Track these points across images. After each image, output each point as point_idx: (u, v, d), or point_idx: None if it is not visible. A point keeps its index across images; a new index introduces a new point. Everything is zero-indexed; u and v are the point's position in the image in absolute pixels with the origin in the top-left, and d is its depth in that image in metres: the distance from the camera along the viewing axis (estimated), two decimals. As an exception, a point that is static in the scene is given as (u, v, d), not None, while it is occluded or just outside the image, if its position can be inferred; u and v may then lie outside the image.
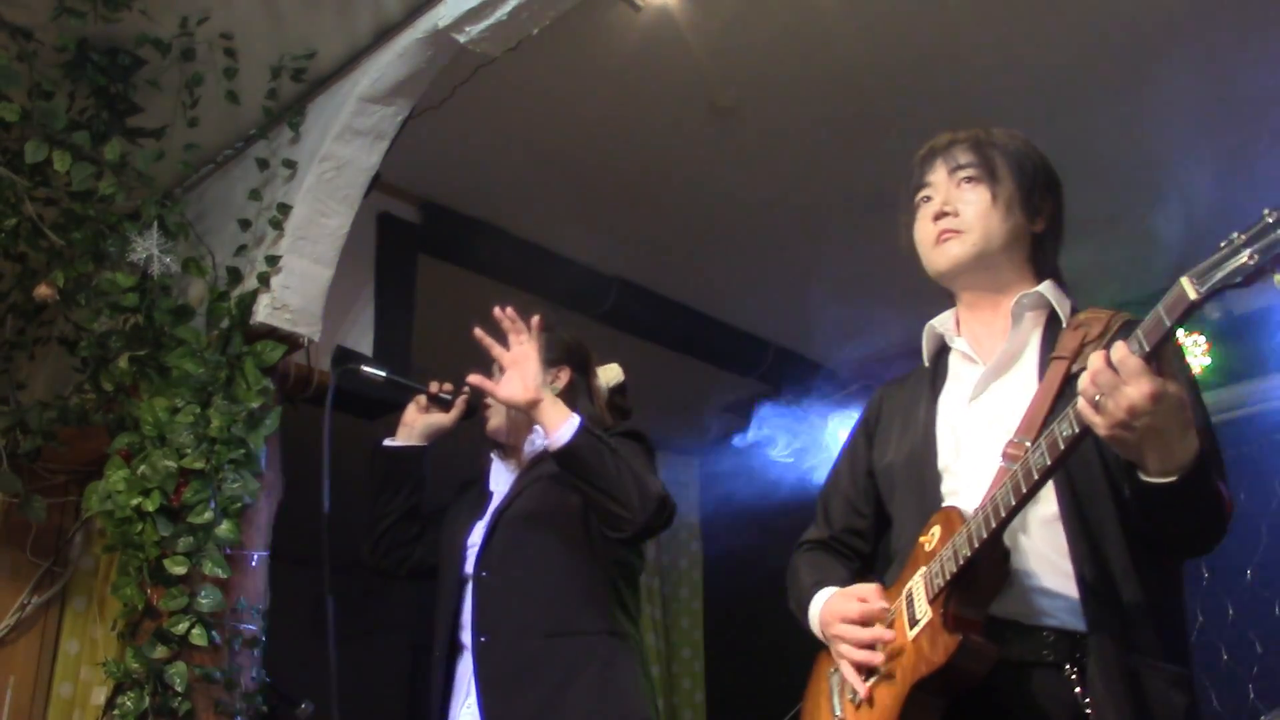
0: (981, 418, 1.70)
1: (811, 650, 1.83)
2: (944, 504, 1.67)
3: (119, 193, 2.81)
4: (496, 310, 2.23)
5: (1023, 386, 1.67)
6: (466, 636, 2.35)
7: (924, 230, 1.78)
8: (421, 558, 2.61)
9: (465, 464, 2.71)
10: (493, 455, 2.60)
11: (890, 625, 1.63)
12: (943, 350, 1.85)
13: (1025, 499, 1.47)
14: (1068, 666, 1.51)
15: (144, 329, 2.88)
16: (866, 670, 1.63)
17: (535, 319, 2.27)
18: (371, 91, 2.94)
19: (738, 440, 5.00)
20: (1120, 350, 1.35)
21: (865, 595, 1.68)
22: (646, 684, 2.30)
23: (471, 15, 2.71)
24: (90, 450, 3.12)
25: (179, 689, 2.60)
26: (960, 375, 1.79)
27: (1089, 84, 3.34)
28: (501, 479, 2.55)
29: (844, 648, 1.66)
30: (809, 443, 4.85)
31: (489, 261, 4.00)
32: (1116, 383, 1.35)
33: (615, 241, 4.13)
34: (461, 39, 2.77)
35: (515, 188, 3.81)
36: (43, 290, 2.81)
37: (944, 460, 1.71)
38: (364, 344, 3.40)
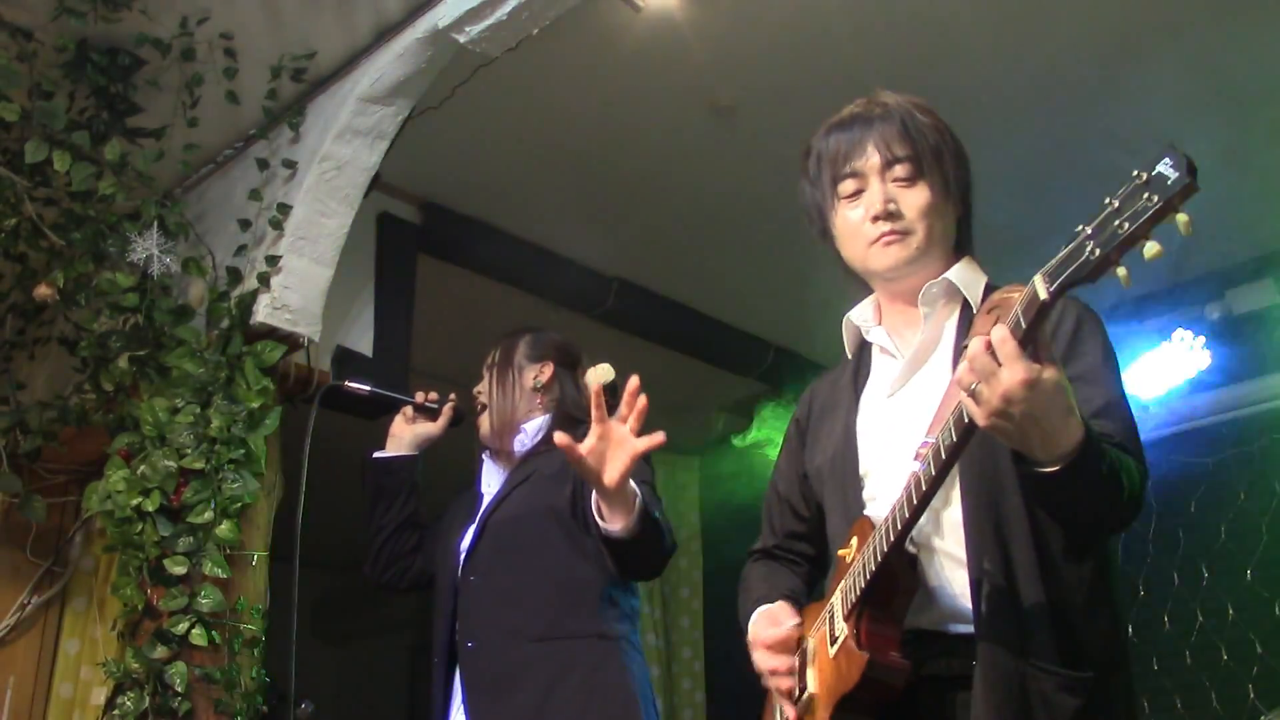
0: (899, 415, 1.65)
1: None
2: (865, 509, 1.64)
3: (119, 193, 2.81)
4: (634, 381, 1.85)
5: (939, 380, 1.61)
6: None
7: (857, 227, 1.69)
8: (421, 568, 2.61)
9: (461, 467, 2.71)
10: (484, 455, 2.60)
11: (816, 643, 1.61)
12: (864, 343, 1.81)
13: (918, 509, 1.43)
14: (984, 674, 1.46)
15: (144, 329, 2.88)
16: (788, 694, 1.62)
17: (642, 400, 1.89)
18: (371, 91, 2.94)
19: (737, 440, 5.01)
20: (999, 331, 1.30)
21: (778, 617, 1.67)
22: (638, 685, 2.27)
23: (471, 15, 2.71)
24: (90, 450, 3.12)
25: (179, 689, 2.60)
26: (880, 369, 1.75)
27: (1088, 82, 3.34)
28: (493, 479, 2.55)
29: (763, 673, 1.66)
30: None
31: (489, 261, 4.00)
32: (992, 368, 1.29)
33: (615, 241, 4.13)
34: (461, 39, 2.77)
35: (515, 188, 3.81)
36: (43, 290, 2.81)
37: (865, 464, 1.67)
38: (364, 344, 3.39)
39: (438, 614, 2.43)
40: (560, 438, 1.81)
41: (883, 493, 1.62)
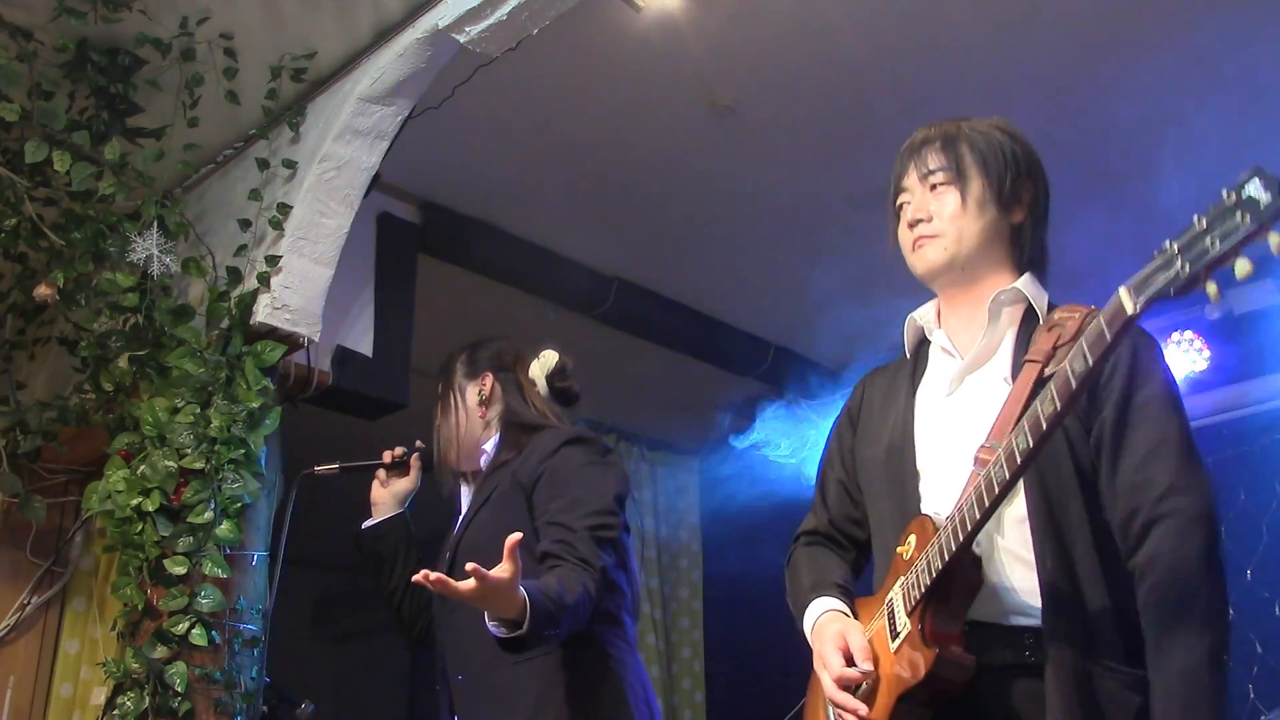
0: (956, 414, 1.71)
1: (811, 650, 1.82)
2: (920, 506, 1.68)
3: (119, 193, 2.81)
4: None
5: (997, 384, 1.68)
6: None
7: (902, 235, 1.81)
8: None
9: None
10: (458, 481, 2.56)
11: (873, 637, 1.64)
12: (924, 342, 1.86)
13: (989, 511, 1.48)
14: (1048, 665, 1.51)
15: (144, 329, 2.88)
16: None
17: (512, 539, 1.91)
18: (371, 91, 2.94)
19: (738, 441, 5.00)
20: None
21: (851, 649, 1.63)
22: (629, 686, 2.24)
23: (471, 15, 2.71)
24: (90, 450, 3.12)
25: (179, 689, 2.60)
26: (938, 368, 1.80)
27: (1090, 81, 3.34)
28: (466, 500, 2.54)
29: (828, 691, 1.65)
30: (810, 443, 4.85)
31: (489, 261, 4.00)
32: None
33: (615, 241, 4.13)
34: (461, 39, 2.77)
35: (515, 188, 3.81)
36: (43, 290, 2.81)
37: (922, 460, 1.72)
38: (364, 344, 3.39)
39: (436, 643, 2.44)
40: (434, 579, 1.85)
41: (938, 490, 1.67)
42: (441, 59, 2.91)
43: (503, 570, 1.86)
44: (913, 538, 1.63)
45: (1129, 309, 1.31)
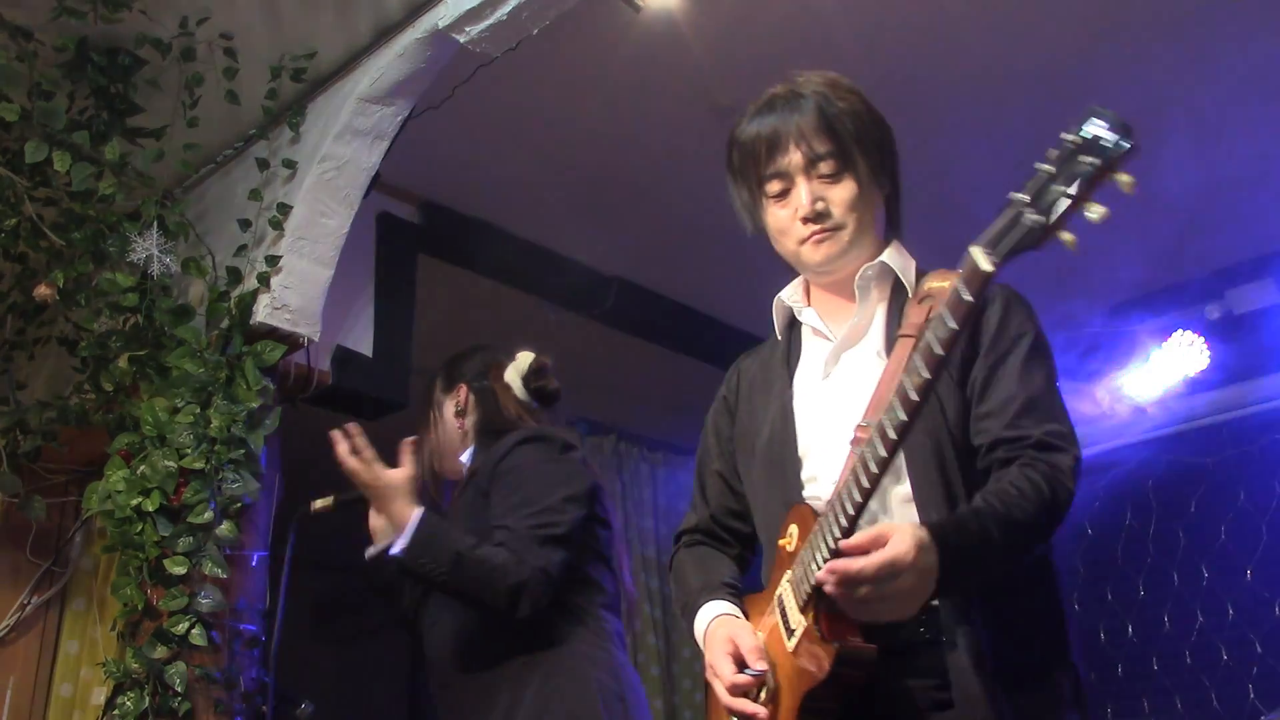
0: (833, 397, 1.66)
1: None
2: (803, 494, 1.63)
3: (119, 193, 2.81)
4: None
5: (871, 361, 1.64)
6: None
7: (788, 226, 1.71)
8: None
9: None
10: (448, 491, 2.61)
11: (766, 637, 1.59)
12: (794, 323, 1.82)
13: (869, 492, 1.40)
14: (945, 639, 1.48)
15: (144, 329, 2.88)
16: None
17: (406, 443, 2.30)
18: (371, 91, 2.94)
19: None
20: (852, 565, 1.34)
21: (742, 650, 1.58)
22: (593, 686, 2.23)
23: (471, 15, 2.71)
24: (90, 450, 3.12)
25: (179, 689, 2.60)
26: (812, 350, 1.76)
27: (1090, 81, 3.34)
28: None
29: (726, 687, 1.60)
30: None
31: (489, 261, 4.00)
32: (862, 591, 1.35)
33: (615, 241, 4.13)
34: (461, 39, 2.77)
35: (515, 188, 3.81)
36: (43, 290, 2.81)
37: (803, 446, 1.67)
38: (364, 344, 3.40)
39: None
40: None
41: (822, 474, 1.62)
42: (441, 59, 2.91)
43: (397, 470, 2.19)
44: (794, 528, 1.57)
45: (985, 266, 1.24)
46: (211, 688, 2.66)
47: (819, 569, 1.43)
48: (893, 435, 1.36)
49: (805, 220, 1.68)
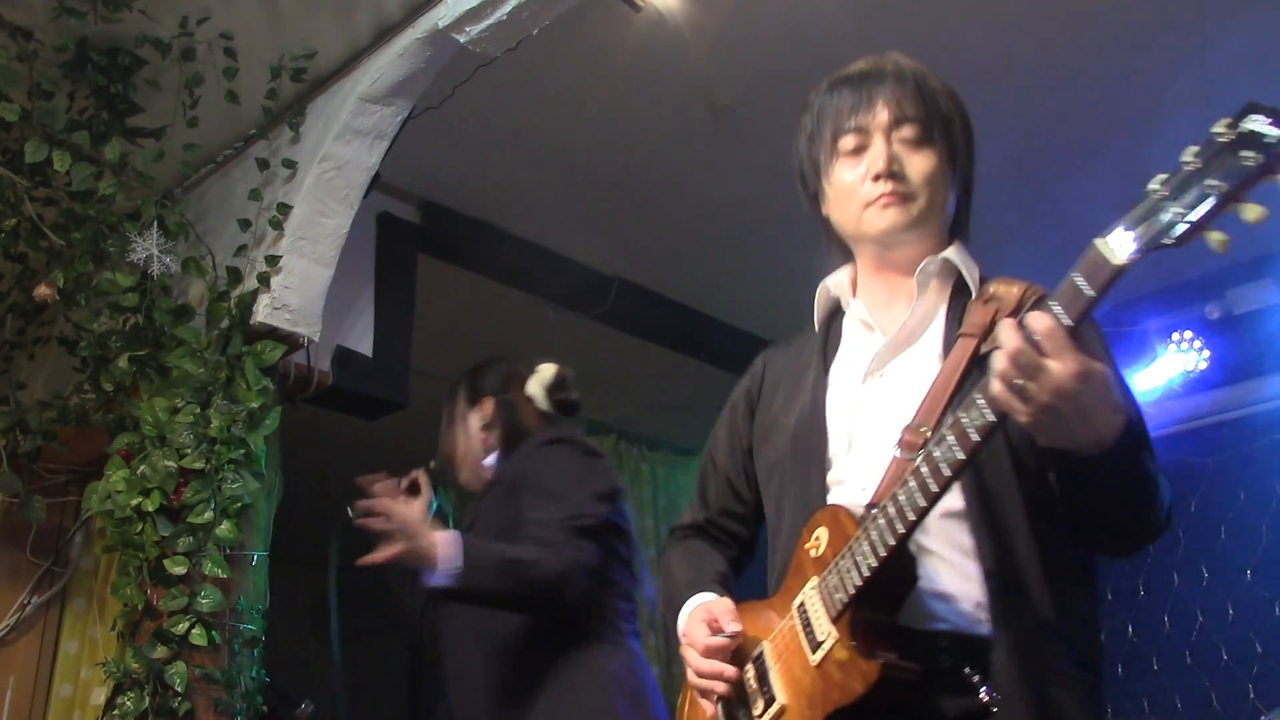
0: (879, 397, 1.52)
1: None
2: (828, 499, 1.49)
3: (119, 193, 2.81)
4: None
5: (926, 364, 1.49)
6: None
7: (855, 187, 1.56)
8: None
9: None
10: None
11: (782, 649, 1.46)
12: (835, 314, 1.69)
13: (936, 498, 1.28)
14: (967, 670, 1.35)
15: (144, 329, 2.88)
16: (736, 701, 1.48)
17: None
18: (371, 91, 2.94)
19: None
20: (1044, 321, 1.17)
21: (717, 617, 1.50)
22: (609, 680, 2.26)
23: (471, 15, 2.71)
24: (90, 450, 3.12)
25: (179, 689, 2.60)
26: (855, 345, 1.61)
27: (1090, 81, 3.34)
28: None
29: (691, 676, 1.52)
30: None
31: (489, 261, 4.00)
32: (1038, 363, 1.16)
33: (615, 241, 4.13)
34: (461, 39, 2.77)
35: (515, 188, 3.81)
36: (43, 290, 2.81)
37: (834, 446, 1.52)
38: (364, 344, 3.40)
39: (438, 652, 2.49)
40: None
41: (851, 477, 1.49)
42: (441, 59, 2.91)
43: (417, 503, 2.21)
44: (823, 532, 1.43)
45: (1118, 260, 1.12)
46: (211, 688, 2.66)
47: (861, 581, 1.32)
48: (977, 437, 1.24)
49: (877, 178, 1.53)
